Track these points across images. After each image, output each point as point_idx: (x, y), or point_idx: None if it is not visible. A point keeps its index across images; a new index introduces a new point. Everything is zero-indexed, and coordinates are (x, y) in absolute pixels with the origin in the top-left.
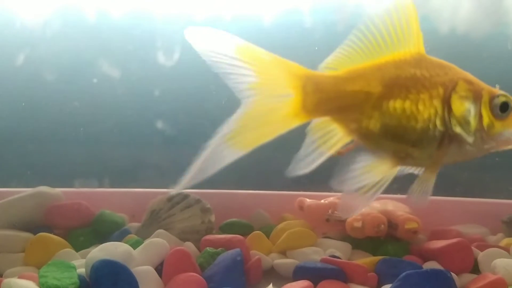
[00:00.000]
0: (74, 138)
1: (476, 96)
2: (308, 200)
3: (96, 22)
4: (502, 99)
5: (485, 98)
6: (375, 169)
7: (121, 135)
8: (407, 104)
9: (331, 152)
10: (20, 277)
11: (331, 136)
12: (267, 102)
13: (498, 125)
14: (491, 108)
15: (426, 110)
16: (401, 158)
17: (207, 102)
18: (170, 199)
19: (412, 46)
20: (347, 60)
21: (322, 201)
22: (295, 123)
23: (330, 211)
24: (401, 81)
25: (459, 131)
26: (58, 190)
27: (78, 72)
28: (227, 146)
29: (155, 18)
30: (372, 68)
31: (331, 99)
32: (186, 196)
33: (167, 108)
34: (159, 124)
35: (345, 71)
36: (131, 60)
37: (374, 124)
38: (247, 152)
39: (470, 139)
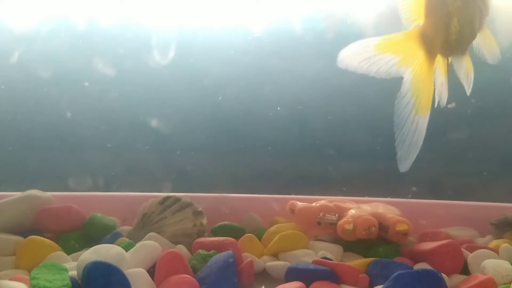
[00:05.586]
0: (65, 142)
1: None
2: (299, 203)
3: (86, 30)
4: None
5: None
6: None
7: (112, 139)
8: None
9: None
10: (11, 279)
11: None
12: (418, 67)
13: None
14: None
15: None
16: None
17: (200, 107)
18: (162, 202)
19: None
20: None
21: (313, 204)
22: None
23: (321, 214)
24: None
25: None
26: (49, 193)
27: (69, 76)
28: (418, 117)
29: (145, 28)
30: None
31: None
32: (177, 199)
33: (158, 113)
34: (150, 128)
35: None
36: (121, 66)
37: None
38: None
39: None
